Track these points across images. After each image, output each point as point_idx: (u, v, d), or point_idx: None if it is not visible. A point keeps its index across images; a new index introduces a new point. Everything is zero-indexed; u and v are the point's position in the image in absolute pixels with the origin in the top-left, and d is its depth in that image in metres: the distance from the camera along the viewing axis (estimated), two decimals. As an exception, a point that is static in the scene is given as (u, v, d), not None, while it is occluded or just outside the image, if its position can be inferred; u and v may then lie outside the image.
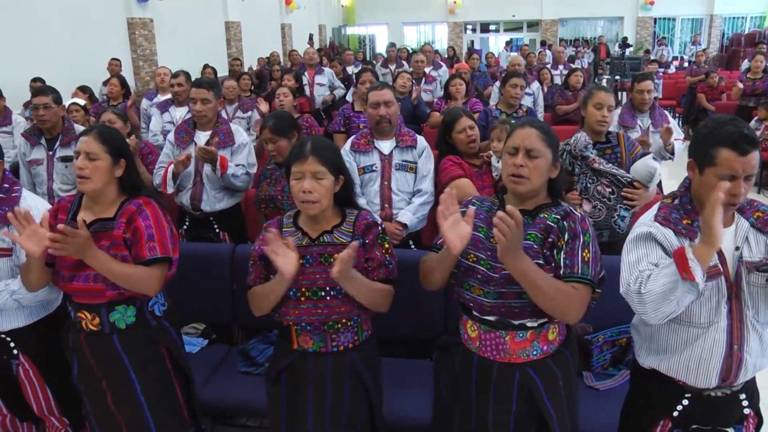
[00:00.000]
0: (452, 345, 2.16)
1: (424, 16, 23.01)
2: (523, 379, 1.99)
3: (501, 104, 5.12)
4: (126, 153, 2.33)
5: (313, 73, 7.76)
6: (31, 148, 4.19)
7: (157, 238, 2.25)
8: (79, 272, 2.21)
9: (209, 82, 3.79)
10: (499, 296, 1.93)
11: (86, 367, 2.33)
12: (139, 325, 2.32)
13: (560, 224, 1.95)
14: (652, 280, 1.78)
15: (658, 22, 21.83)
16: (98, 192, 2.26)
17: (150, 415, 2.33)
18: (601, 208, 3.20)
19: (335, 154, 2.16)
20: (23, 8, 8.06)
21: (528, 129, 1.98)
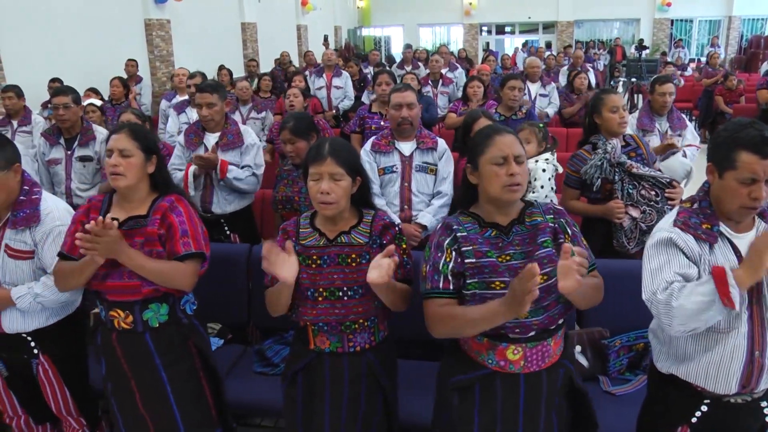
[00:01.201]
0: (479, 380, 1.99)
1: (440, 17, 22.98)
2: (565, 371, 2.02)
3: (500, 107, 5.09)
4: (157, 150, 2.34)
5: (331, 75, 7.75)
6: (50, 148, 4.23)
7: (191, 233, 2.28)
8: (113, 270, 2.22)
9: (212, 86, 3.78)
10: (545, 310, 1.90)
11: (116, 366, 2.33)
12: (172, 323, 2.33)
13: (559, 222, 1.97)
14: (686, 296, 1.75)
15: (675, 23, 21.65)
16: (131, 188, 2.27)
17: (179, 415, 2.34)
18: (651, 212, 3.12)
19: (353, 156, 2.16)
20: (43, 9, 8.14)
21: (509, 136, 1.95)
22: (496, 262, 1.89)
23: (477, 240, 1.92)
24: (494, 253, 1.91)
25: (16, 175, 2.42)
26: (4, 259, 2.43)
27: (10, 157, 2.39)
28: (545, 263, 1.88)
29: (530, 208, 2.00)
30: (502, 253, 1.91)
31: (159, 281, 2.21)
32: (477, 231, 1.95)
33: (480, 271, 1.88)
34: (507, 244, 1.93)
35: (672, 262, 1.86)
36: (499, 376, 1.95)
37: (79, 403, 2.67)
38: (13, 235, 2.42)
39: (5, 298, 2.40)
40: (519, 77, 5.21)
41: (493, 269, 1.88)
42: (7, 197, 2.40)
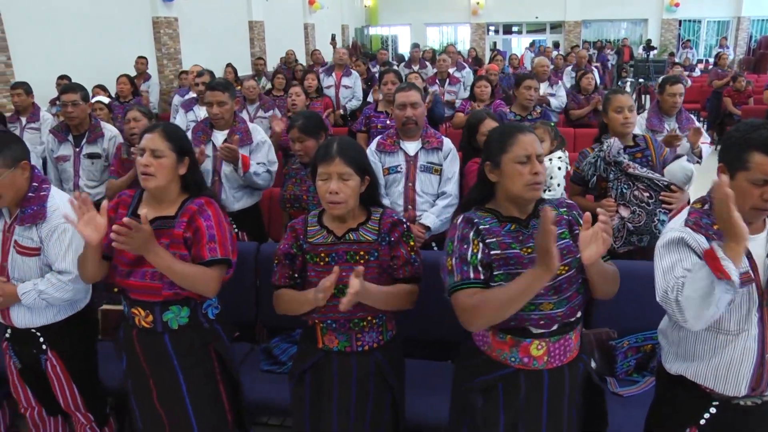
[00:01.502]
0: (502, 380, 1.99)
1: (447, 17, 22.96)
2: (585, 366, 2.04)
3: (515, 107, 5.10)
4: (190, 151, 2.32)
5: (341, 74, 7.73)
6: (59, 145, 4.26)
7: (218, 239, 2.23)
8: (136, 268, 2.21)
9: (223, 84, 3.79)
10: (568, 301, 1.92)
11: (135, 363, 2.33)
12: (192, 326, 2.30)
13: (572, 215, 2.00)
14: (687, 286, 1.75)
15: (683, 24, 21.57)
16: (161, 189, 2.24)
17: (194, 417, 2.33)
18: (640, 213, 3.15)
19: (361, 155, 2.16)
20: (52, 7, 8.17)
21: (530, 135, 1.96)
22: (520, 253, 1.91)
23: (499, 233, 1.94)
24: (517, 246, 1.92)
25: (24, 173, 2.43)
26: (14, 255, 2.46)
27: (18, 155, 2.40)
28: (564, 254, 1.90)
29: (543, 203, 2.01)
30: (524, 246, 1.92)
31: (183, 284, 2.18)
32: (497, 225, 1.96)
33: (506, 262, 1.89)
34: (527, 236, 1.94)
35: (684, 261, 1.85)
36: (523, 373, 1.96)
37: (87, 399, 2.69)
38: (21, 232, 2.44)
39: (12, 294, 2.43)
40: (534, 77, 5.24)
41: (518, 261, 1.89)
42: (15, 195, 2.41)
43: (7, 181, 2.35)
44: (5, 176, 2.34)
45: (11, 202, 2.43)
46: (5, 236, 2.47)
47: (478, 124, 3.49)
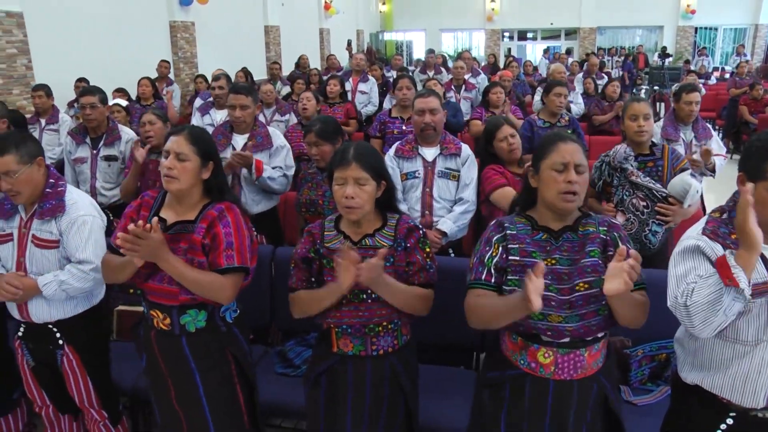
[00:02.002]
0: (509, 379, 2.02)
1: (462, 23, 22.97)
2: (599, 387, 2.00)
3: (543, 113, 5.10)
4: (215, 156, 2.31)
5: (358, 80, 7.74)
6: (76, 147, 4.30)
7: (236, 246, 2.22)
8: (156, 271, 2.21)
9: (247, 88, 3.81)
10: (581, 318, 1.90)
11: (154, 363, 2.35)
12: (209, 330, 2.30)
13: (611, 236, 1.96)
14: (697, 292, 1.74)
15: (699, 31, 21.45)
16: (183, 192, 2.24)
17: (210, 418, 2.34)
18: (633, 221, 3.19)
19: (378, 160, 2.17)
20: (72, 11, 8.29)
21: (572, 144, 1.96)
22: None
23: (525, 240, 1.96)
24: (540, 255, 1.93)
25: (40, 168, 2.51)
26: (32, 249, 2.52)
27: (33, 151, 2.48)
28: (589, 272, 1.90)
29: (586, 218, 2.01)
30: (548, 257, 1.93)
31: (196, 291, 2.18)
32: (528, 232, 1.98)
33: (522, 269, 1.90)
34: (554, 248, 1.95)
35: (698, 269, 1.83)
36: (530, 378, 1.97)
37: (102, 396, 2.72)
38: (40, 226, 2.51)
39: (32, 287, 2.48)
40: (565, 84, 5.26)
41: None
42: (34, 190, 2.49)
43: (25, 177, 2.43)
44: (23, 172, 2.42)
45: (28, 198, 2.49)
46: (21, 232, 2.54)
47: (495, 130, 3.50)
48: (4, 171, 2.41)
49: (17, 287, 2.45)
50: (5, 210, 2.56)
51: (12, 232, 2.55)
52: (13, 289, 2.45)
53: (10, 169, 2.40)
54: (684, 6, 20.63)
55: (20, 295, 2.47)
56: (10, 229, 2.55)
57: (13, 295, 2.46)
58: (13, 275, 2.49)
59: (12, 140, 2.45)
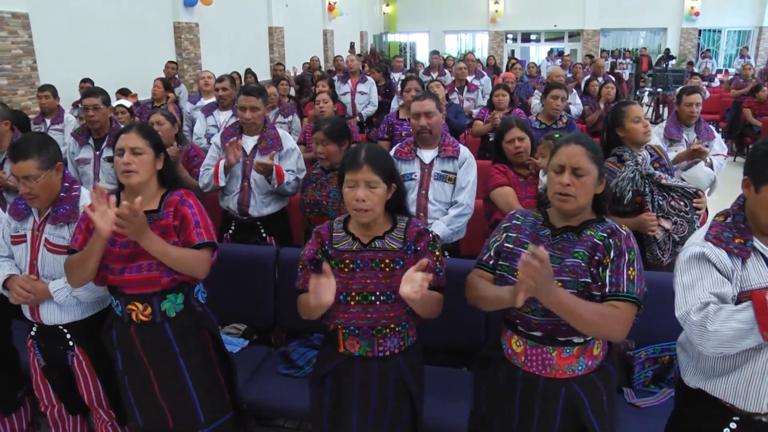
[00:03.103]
0: (494, 359, 2.15)
1: (466, 24, 22.97)
2: (568, 394, 1.99)
3: (541, 115, 5.12)
4: (164, 147, 2.44)
5: (356, 81, 7.76)
6: (80, 148, 4.31)
7: (203, 224, 2.37)
8: (130, 263, 2.30)
9: (258, 90, 3.81)
10: (546, 313, 1.91)
11: (134, 359, 2.40)
12: (187, 312, 2.43)
13: (606, 242, 1.94)
14: (722, 321, 1.73)
15: (702, 33, 21.42)
16: (143, 184, 2.33)
17: (197, 400, 2.43)
18: (682, 223, 3.10)
19: (388, 163, 2.17)
20: (77, 12, 8.31)
21: (574, 146, 1.97)
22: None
23: (524, 231, 2.05)
24: (529, 245, 1.93)
25: (59, 173, 2.53)
26: (44, 253, 2.54)
27: (54, 156, 2.50)
28: (566, 272, 1.92)
29: (595, 223, 2.01)
30: None
31: (178, 267, 2.28)
32: (534, 226, 2.06)
33: (513, 257, 2.01)
34: (549, 245, 1.99)
35: (705, 278, 1.83)
36: (506, 363, 2.10)
37: (111, 397, 2.73)
38: (53, 231, 2.53)
39: (44, 292, 2.50)
40: (563, 87, 5.26)
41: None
42: (50, 194, 2.51)
43: (45, 182, 2.45)
44: (43, 177, 2.44)
45: (45, 202, 2.51)
46: (34, 235, 2.55)
47: (505, 131, 3.51)
48: (25, 175, 2.42)
49: (29, 291, 2.48)
50: (20, 210, 2.59)
51: (25, 233, 2.57)
52: (25, 293, 2.48)
53: (31, 173, 2.42)
54: (688, 8, 20.60)
55: (32, 298, 2.50)
56: (23, 230, 2.58)
57: (25, 298, 2.49)
58: (26, 279, 2.51)
59: (34, 145, 2.46)
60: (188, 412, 2.44)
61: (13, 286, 2.50)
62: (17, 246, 2.59)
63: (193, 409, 2.44)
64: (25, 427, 3.08)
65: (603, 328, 1.86)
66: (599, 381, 2.02)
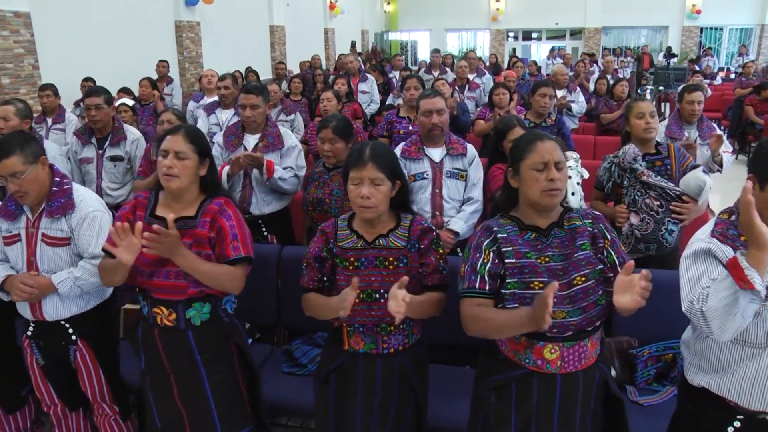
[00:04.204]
0: (515, 380, 2.02)
1: (467, 22, 22.96)
2: (601, 375, 2.03)
3: (530, 114, 5.10)
4: (209, 153, 2.37)
5: (357, 80, 7.74)
6: (82, 147, 4.31)
7: (240, 237, 2.31)
8: (159, 268, 2.26)
9: (258, 88, 3.81)
10: (583, 311, 1.91)
11: (155, 361, 2.38)
12: (213, 321, 2.36)
13: (598, 228, 2.00)
14: (712, 296, 1.74)
15: (704, 31, 21.39)
16: (183, 190, 2.29)
17: (215, 410, 2.39)
18: (648, 222, 3.18)
19: (393, 160, 2.18)
20: (79, 11, 8.32)
21: (549, 142, 1.99)
22: (535, 263, 1.94)
23: (517, 241, 1.97)
24: (533, 254, 1.95)
25: (45, 167, 2.54)
26: (42, 247, 2.55)
27: (36, 151, 2.52)
28: (584, 265, 1.93)
29: (569, 213, 2.04)
30: (541, 255, 1.95)
31: (210, 284, 2.23)
32: (517, 233, 2.00)
33: (520, 271, 1.93)
34: (546, 246, 1.97)
35: (710, 272, 1.83)
36: (536, 375, 1.98)
37: (114, 391, 2.75)
38: (50, 224, 2.54)
39: (46, 286, 2.51)
40: (550, 84, 5.24)
41: (533, 270, 1.92)
42: (41, 189, 2.52)
43: (32, 176, 2.46)
44: (30, 172, 2.45)
45: (35, 198, 2.52)
46: (29, 232, 2.56)
47: (507, 130, 3.52)
48: (11, 173, 2.43)
49: (32, 286, 2.48)
50: (10, 211, 2.58)
51: (19, 232, 2.57)
52: (29, 289, 2.47)
53: (17, 170, 2.43)
54: (689, 6, 20.58)
55: (35, 294, 2.49)
56: (16, 230, 2.57)
57: (29, 294, 2.48)
58: (27, 275, 2.52)
59: (15, 141, 2.47)
60: (205, 421, 2.40)
61: (15, 284, 2.50)
62: (11, 246, 2.58)
63: (211, 419, 2.39)
64: (29, 425, 3.09)
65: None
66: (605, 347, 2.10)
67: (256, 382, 2.54)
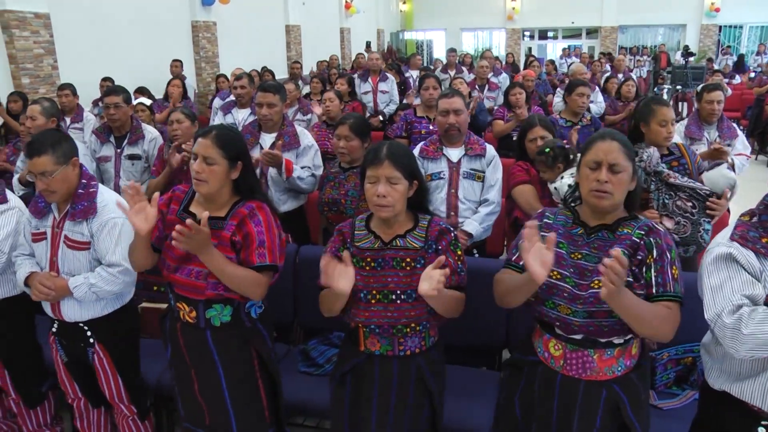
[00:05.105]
0: (528, 364, 2.11)
1: (482, 21, 22.87)
2: (609, 395, 1.98)
3: (565, 113, 5.09)
4: (244, 155, 2.31)
5: (377, 79, 7.71)
6: (101, 146, 4.35)
7: (268, 244, 2.24)
8: (183, 265, 2.26)
9: (275, 87, 3.82)
10: (589, 315, 1.90)
11: (178, 354, 2.40)
12: (234, 325, 2.33)
13: (646, 240, 1.93)
14: (758, 324, 1.68)
15: (723, 29, 21.14)
16: (213, 194, 2.26)
17: (232, 410, 2.39)
18: (685, 224, 3.08)
19: (410, 159, 2.17)
20: (97, 11, 8.39)
21: (609, 142, 1.95)
22: (564, 255, 1.95)
23: (558, 230, 1.99)
24: (567, 247, 1.96)
25: (75, 169, 2.55)
26: (64, 249, 2.57)
27: (69, 151, 2.53)
28: None
29: (630, 220, 1.99)
30: (576, 251, 1.96)
31: (232, 286, 2.20)
32: (566, 224, 2.02)
33: None
34: (585, 243, 1.97)
35: (734, 279, 1.79)
36: (542, 367, 2.04)
37: (131, 392, 2.77)
38: (72, 227, 2.55)
39: (63, 288, 2.53)
40: (588, 84, 5.22)
41: (558, 260, 1.91)
42: (68, 190, 2.54)
43: (61, 176, 2.48)
44: (59, 172, 2.47)
45: (62, 198, 2.54)
46: (54, 232, 2.59)
47: (528, 129, 3.50)
48: (41, 171, 2.45)
49: (49, 287, 2.51)
50: (40, 208, 2.61)
51: (46, 230, 2.60)
52: (46, 290, 2.50)
53: (47, 169, 2.45)
54: (708, 4, 20.34)
55: (52, 295, 2.52)
56: (44, 227, 2.61)
57: (46, 295, 2.51)
58: (46, 275, 2.55)
59: (48, 141, 2.49)
60: (222, 420, 2.40)
61: (34, 283, 2.53)
62: (38, 243, 2.62)
63: (228, 420, 2.39)
64: (49, 420, 3.13)
65: (659, 328, 1.86)
66: (638, 380, 2.01)
67: (276, 388, 2.51)
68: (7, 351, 2.90)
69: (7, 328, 2.89)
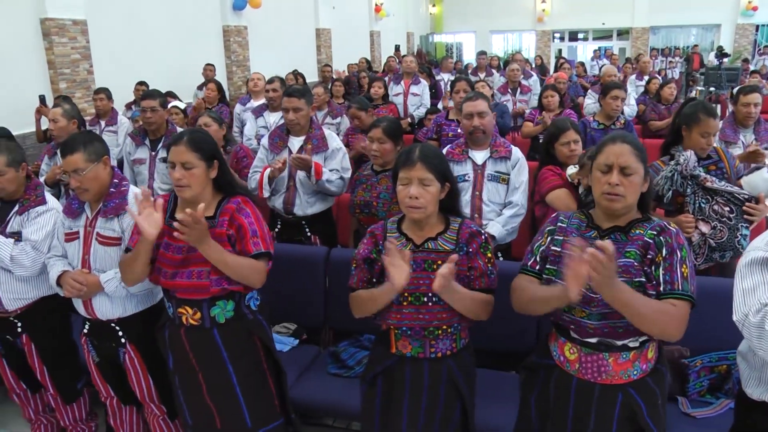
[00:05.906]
0: (543, 367, 2.12)
1: (512, 24, 22.73)
2: (625, 399, 1.96)
3: (599, 115, 5.06)
4: (217, 154, 2.39)
5: (410, 82, 7.70)
6: (136, 148, 4.45)
7: (260, 234, 2.36)
8: (181, 269, 2.33)
9: (300, 91, 3.85)
10: (603, 317, 1.90)
11: (183, 360, 2.45)
12: (238, 318, 2.43)
13: (657, 240, 1.92)
14: None
15: (761, 29, 20.67)
16: (197, 197, 2.32)
17: (245, 405, 2.45)
18: (721, 229, 3.03)
19: (442, 162, 2.18)
20: (131, 17, 8.54)
21: (620, 145, 1.95)
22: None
23: (571, 234, 2.00)
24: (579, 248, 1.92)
25: (106, 167, 2.64)
26: (96, 246, 2.65)
27: (100, 150, 2.62)
28: (619, 272, 1.86)
29: (643, 222, 1.99)
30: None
31: (235, 276, 2.29)
32: (580, 228, 2.03)
33: (560, 261, 1.95)
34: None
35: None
36: (558, 370, 2.05)
37: (161, 392, 2.82)
38: (104, 224, 2.63)
39: (95, 284, 2.60)
40: (622, 87, 5.19)
41: None
42: (100, 188, 2.62)
43: (92, 174, 2.57)
44: (90, 170, 2.56)
45: (94, 196, 2.62)
46: (87, 231, 2.67)
47: (560, 133, 3.47)
48: (73, 169, 2.54)
49: (81, 283, 2.57)
50: (73, 209, 2.70)
51: (78, 230, 2.68)
52: (78, 285, 2.57)
53: (79, 167, 2.54)
54: (744, 3, 19.90)
55: (84, 291, 2.59)
56: (77, 227, 2.68)
57: (78, 291, 2.58)
58: (78, 272, 2.62)
59: (80, 140, 2.60)
60: (235, 417, 2.46)
61: (66, 280, 2.60)
62: (70, 243, 2.70)
63: (241, 414, 2.45)
64: (84, 416, 3.21)
65: (663, 325, 1.83)
66: (654, 384, 2.00)
67: (281, 376, 2.60)
68: (45, 348, 2.97)
69: (45, 326, 2.97)
